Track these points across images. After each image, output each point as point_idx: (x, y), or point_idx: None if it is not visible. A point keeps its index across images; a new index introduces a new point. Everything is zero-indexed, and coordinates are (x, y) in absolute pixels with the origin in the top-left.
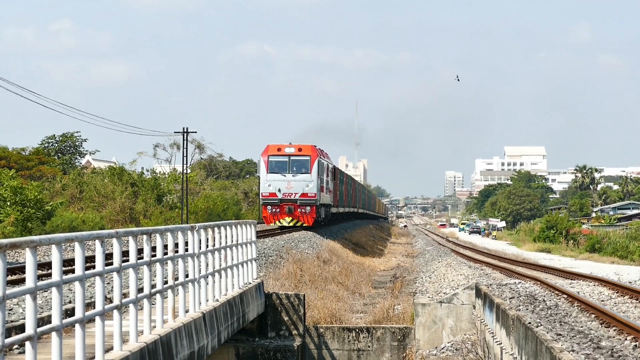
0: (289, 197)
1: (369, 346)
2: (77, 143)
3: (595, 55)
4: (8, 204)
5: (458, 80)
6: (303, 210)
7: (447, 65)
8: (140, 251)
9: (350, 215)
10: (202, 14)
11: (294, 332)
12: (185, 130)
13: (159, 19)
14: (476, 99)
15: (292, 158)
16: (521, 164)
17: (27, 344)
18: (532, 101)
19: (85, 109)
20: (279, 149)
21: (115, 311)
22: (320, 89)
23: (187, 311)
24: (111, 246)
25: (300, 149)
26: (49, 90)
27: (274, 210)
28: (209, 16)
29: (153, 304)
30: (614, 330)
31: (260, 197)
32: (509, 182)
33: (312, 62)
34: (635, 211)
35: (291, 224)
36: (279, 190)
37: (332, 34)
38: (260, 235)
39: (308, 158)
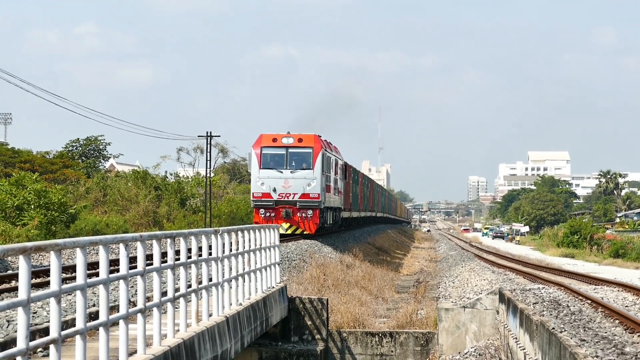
0: (286, 199)
1: (392, 351)
2: (101, 147)
3: (620, 59)
4: (32, 207)
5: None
6: (304, 214)
7: (472, 68)
8: (164, 255)
9: (367, 220)
10: (227, 16)
11: (317, 336)
12: (208, 134)
13: (183, 21)
14: (500, 102)
15: (290, 150)
16: (545, 169)
17: (52, 347)
18: (556, 105)
19: (109, 112)
20: (274, 139)
21: (139, 315)
22: (345, 92)
23: (210, 315)
24: (135, 249)
25: (300, 139)
26: (73, 93)
27: (267, 214)
28: (233, 19)
29: (177, 308)
30: (638, 335)
31: (252, 197)
32: (533, 187)
33: (336, 65)
34: None
35: (289, 232)
36: (274, 190)
37: (357, 37)
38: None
39: (310, 150)
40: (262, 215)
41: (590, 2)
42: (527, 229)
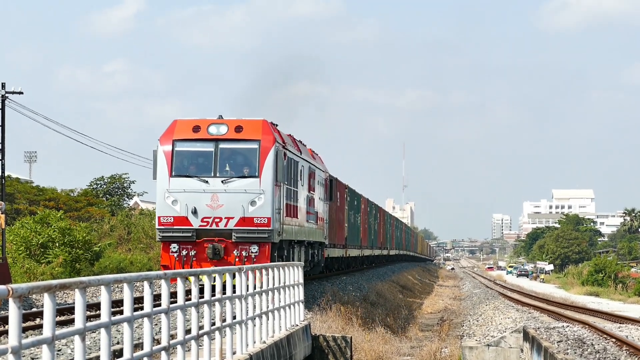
0: (214, 227)
1: None
2: (125, 184)
3: None
4: (56, 244)
5: None
6: (244, 252)
7: (499, 106)
8: (188, 292)
9: (374, 260)
10: (255, 53)
11: None
12: None
13: (212, 59)
14: (524, 139)
15: (221, 146)
16: (569, 207)
17: None
18: (581, 143)
19: (138, 150)
20: (195, 128)
21: (163, 352)
22: (373, 130)
23: (234, 353)
24: (159, 287)
25: (239, 127)
26: (102, 131)
27: (183, 252)
28: (262, 56)
29: (200, 346)
30: None
31: (157, 224)
32: (557, 225)
33: (365, 103)
34: None
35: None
36: (194, 212)
37: (386, 75)
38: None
39: (255, 146)
40: (175, 254)
41: (620, 40)
42: (551, 267)
